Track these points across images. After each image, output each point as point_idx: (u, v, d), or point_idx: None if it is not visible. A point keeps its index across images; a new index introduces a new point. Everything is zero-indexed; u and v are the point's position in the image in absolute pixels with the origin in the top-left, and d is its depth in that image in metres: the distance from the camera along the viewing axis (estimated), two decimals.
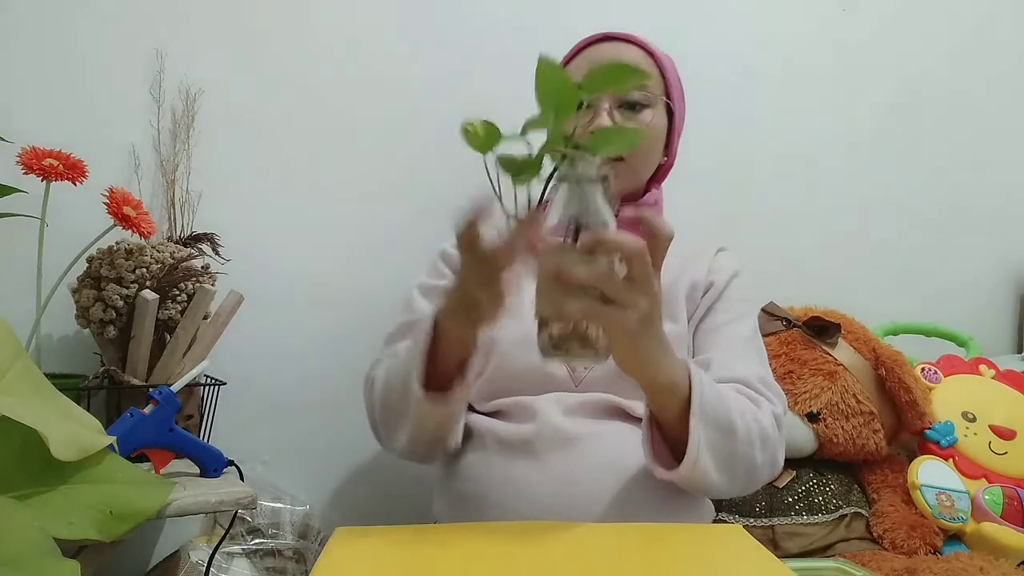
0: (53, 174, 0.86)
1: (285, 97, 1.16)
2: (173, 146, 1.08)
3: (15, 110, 1.00)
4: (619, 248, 0.55)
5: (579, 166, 0.57)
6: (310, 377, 1.17)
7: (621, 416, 0.82)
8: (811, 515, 1.11)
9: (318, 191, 1.18)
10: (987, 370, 1.34)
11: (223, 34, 1.12)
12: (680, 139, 0.97)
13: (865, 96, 1.53)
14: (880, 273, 1.53)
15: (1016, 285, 1.65)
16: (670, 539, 0.65)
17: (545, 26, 1.01)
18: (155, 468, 0.80)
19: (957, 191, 1.59)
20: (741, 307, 0.91)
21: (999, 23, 1.63)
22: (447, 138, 1.23)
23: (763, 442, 0.75)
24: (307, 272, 1.17)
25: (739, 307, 0.90)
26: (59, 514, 0.61)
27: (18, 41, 1.01)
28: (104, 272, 0.92)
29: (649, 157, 0.94)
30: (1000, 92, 1.63)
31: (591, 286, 0.55)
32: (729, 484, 0.74)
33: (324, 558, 0.57)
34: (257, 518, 1.03)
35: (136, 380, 0.92)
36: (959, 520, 1.10)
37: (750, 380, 0.80)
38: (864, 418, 1.17)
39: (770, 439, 0.76)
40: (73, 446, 0.64)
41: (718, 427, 0.69)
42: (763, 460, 0.75)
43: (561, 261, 0.55)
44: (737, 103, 1.43)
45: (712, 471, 0.70)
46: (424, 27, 1.23)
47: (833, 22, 1.51)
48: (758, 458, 0.75)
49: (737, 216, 1.42)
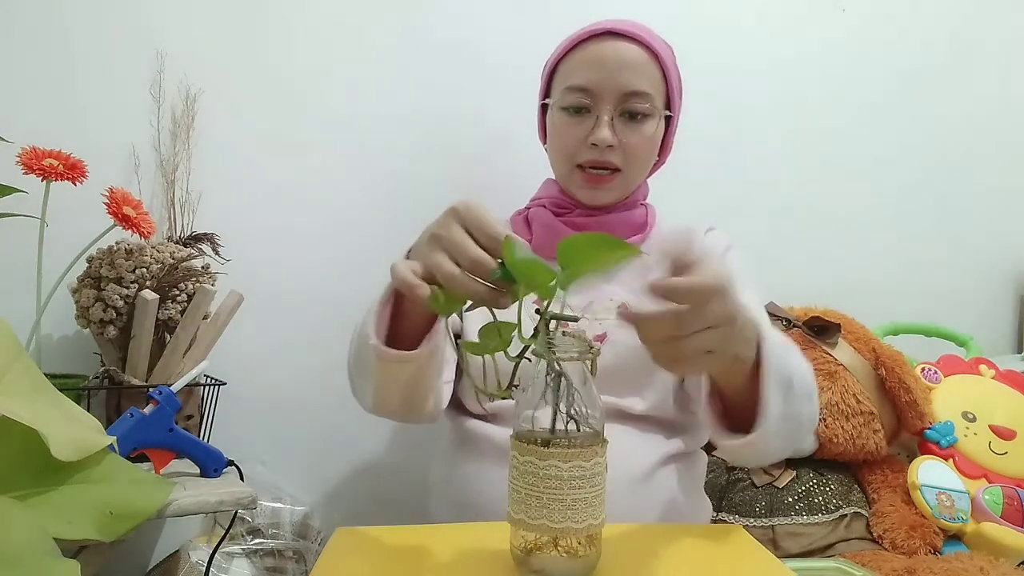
0: (53, 174, 0.86)
1: (285, 97, 1.16)
2: (173, 146, 1.08)
3: (15, 110, 1.00)
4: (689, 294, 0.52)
5: (561, 345, 0.51)
6: (310, 377, 1.17)
7: (619, 417, 0.82)
8: (811, 515, 1.11)
9: (318, 191, 1.18)
10: (987, 370, 1.34)
11: (223, 34, 1.12)
12: (676, 135, 0.97)
13: (865, 96, 1.53)
14: (880, 273, 1.53)
15: (1016, 285, 1.65)
16: (670, 539, 0.65)
17: (536, 32, 1.00)
18: (155, 468, 0.80)
19: (957, 191, 1.59)
20: (741, 277, 0.89)
21: (1002, 24, 1.62)
22: (448, 138, 1.25)
23: (810, 398, 0.71)
24: (307, 272, 1.17)
25: (739, 277, 0.89)
26: (59, 514, 0.61)
27: (18, 41, 1.01)
28: (104, 272, 0.92)
29: (646, 165, 0.94)
30: (1000, 90, 1.63)
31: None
32: (780, 447, 0.70)
33: (324, 558, 0.57)
34: (257, 518, 1.03)
35: (136, 380, 0.92)
36: (959, 520, 1.10)
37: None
38: (864, 418, 1.17)
39: (813, 395, 0.72)
40: (73, 446, 0.63)
41: (781, 388, 0.65)
42: (808, 414, 0.71)
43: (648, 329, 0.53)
44: (737, 102, 1.43)
45: (774, 436, 0.65)
46: (424, 28, 1.23)
47: (831, 19, 1.50)
48: (806, 412, 0.70)
49: (737, 216, 1.42)
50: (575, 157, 0.89)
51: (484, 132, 1.26)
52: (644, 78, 0.87)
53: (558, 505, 0.50)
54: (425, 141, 1.23)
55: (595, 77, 0.87)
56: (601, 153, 0.87)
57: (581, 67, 0.88)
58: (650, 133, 0.89)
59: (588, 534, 0.52)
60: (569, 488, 0.50)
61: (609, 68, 0.86)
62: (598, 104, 0.87)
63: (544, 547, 0.51)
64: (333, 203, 1.19)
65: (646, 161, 0.93)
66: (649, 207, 0.98)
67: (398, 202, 1.22)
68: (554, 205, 0.94)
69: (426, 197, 1.23)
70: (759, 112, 1.45)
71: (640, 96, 0.87)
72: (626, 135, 0.88)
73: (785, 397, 0.65)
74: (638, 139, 0.88)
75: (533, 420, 0.52)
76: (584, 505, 0.51)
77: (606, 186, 0.90)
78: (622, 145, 0.88)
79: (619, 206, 0.94)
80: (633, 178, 0.92)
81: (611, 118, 0.87)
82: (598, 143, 0.87)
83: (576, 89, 0.88)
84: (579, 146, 0.88)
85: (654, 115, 0.89)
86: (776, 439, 0.66)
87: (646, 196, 0.98)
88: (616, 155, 0.88)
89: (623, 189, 0.92)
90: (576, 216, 0.93)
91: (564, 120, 0.89)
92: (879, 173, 1.54)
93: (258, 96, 1.14)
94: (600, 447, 0.52)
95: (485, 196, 1.19)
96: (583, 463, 0.51)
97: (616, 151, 0.88)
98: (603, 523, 0.53)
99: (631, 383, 0.83)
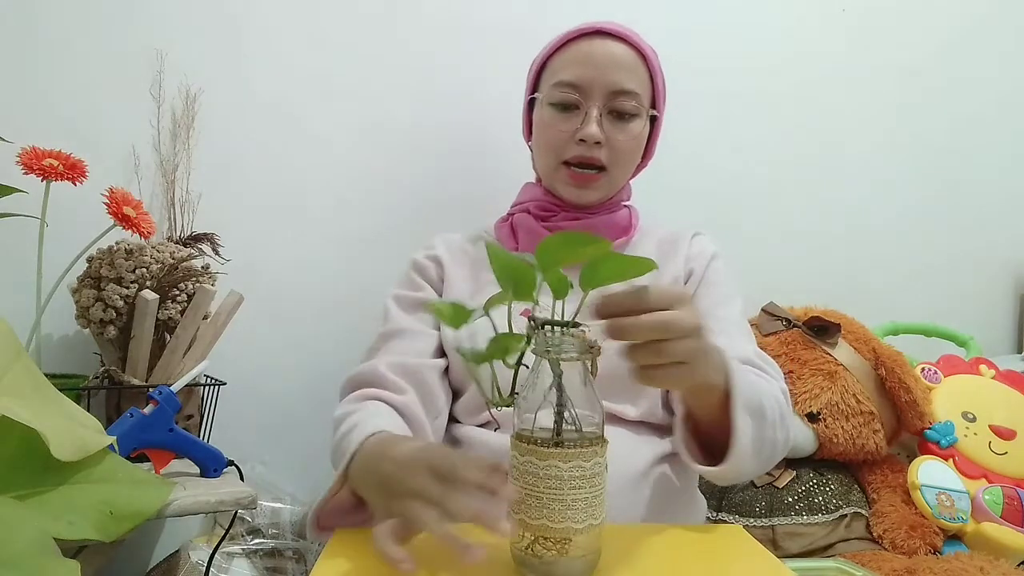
0: (53, 174, 0.86)
1: (285, 97, 1.16)
2: (173, 146, 1.08)
3: (15, 110, 1.00)
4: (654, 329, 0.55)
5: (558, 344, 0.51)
6: (310, 377, 1.17)
7: (612, 421, 0.82)
8: (811, 515, 1.11)
9: (318, 191, 1.18)
10: (987, 370, 1.34)
11: (223, 34, 1.12)
12: (660, 138, 0.97)
13: (865, 96, 1.53)
14: (880, 273, 1.53)
15: (1016, 285, 1.65)
16: (670, 539, 0.65)
17: (532, 31, 1.00)
18: (155, 468, 0.80)
19: (957, 191, 1.59)
20: (725, 289, 0.90)
21: (1001, 21, 1.62)
22: (449, 141, 1.25)
23: (782, 420, 0.74)
24: (307, 272, 1.17)
25: (722, 290, 0.90)
26: (59, 514, 0.61)
27: (18, 41, 1.01)
28: (104, 272, 0.92)
29: (631, 164, 0.94)
30: (1000, 90, 1.62)
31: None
32: (755, 469, 0.73)
33: (324, 558, 0.57)
34: (257, 518, 1.03)
35: (136, 380, 0.92)
36: (959, 520, 1.10)
37: (751, 359, 0.80)
38: (864, 418, 1.17)
39: (786, 417, 0.76)
40: (73, 446, 0.63)
41: (753, 415, 0.68)
42: (782, 439, 0.75)
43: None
44: (736, 102, 1.43)
45: (749, 459, 0.69)
46: (423, 30, 1.23)
47: (834, 19, 1.50)
48: (780, 438, 0.74)
49: (737, 216, 1.42)
50: (562, 153, 0.90)
51: (487, 136, 1.26)
52: (633, 78, 0.88)
53: (558, 505, 0.50)
54: (426, 143, 1.23)
55: (584, 74, 0.87)
56: (588, 149, 0.88)
57: (571, 64, 0.89)
58: (636, 132, 0.90)
59: (588, 534, 0.52)
60: (569, 488, 0.50)
61: (599, 66, 0.87)
62: (587, 101, 0.88)
63: (544, 547, 0.51)
64: (333, 203, 1.19)
65: (631, 160, 0.93)
66: (632, 209, 0.98)
67: (398, 202, 1.22)
68: (538, 208, 0.94)
69: (427, 198, 1.24)
70: (759, 112, 1.45)
71: (628, 95, 0.88)
72: (613, 133, 0.88)
73: (757, 423, 0.68)
74: (625, 137, 0.89)
75: (533, 420, 0.52)
76: (584, 505, 0.51)
77: (592, 185, 0.91)
78: (609, 143, 0.88)
79: (603, 208, 0.94)
80: (618, 178, 0.93)
81: (599, 115, 0.87)
82: (586, 139, 0.87)
83: (565, 85, 0.88)
84: (566, 142, 0.89)
85: (641, 115, 0.90)
86: (750, 462, 0.69)
87: (629, 197, 0.99)
88: (603, 152, 0.88)
89: (608, 188, 0.93)
90: (560, 220, 0.93)
91: (552, 115, 0.90)
92: (879, 173, 1.54)
93: (258, 96, 1.14)
94: (600, 447, 0.53)
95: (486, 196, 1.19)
96: (583, 463, 0.51)
97: (603, 148, 0.88)
98: (603, 523, 0.53)
99: (623, 390, 0.83)
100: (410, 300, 0.92)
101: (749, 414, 0.67)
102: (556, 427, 0.52)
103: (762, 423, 0.70)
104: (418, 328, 0.89)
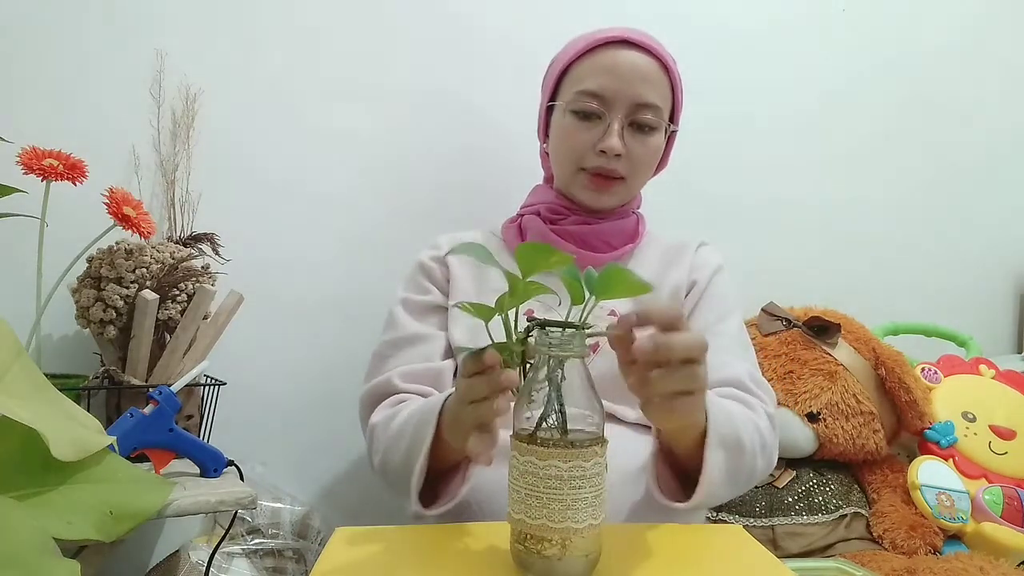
0: (53, 174, 0.86)
1: (285, 97, 1.16)
2: (173, 146, 1.08)
3: (15, 110, 1.00)
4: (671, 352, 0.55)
5: (559, 342, 0.52)
6: (310, 377, 1.17)
7: (610, 421, 0.82)
8: (811, 515, 1.11)
9: (318, 191, 1.18)
10: (987, 370, 1.34)
11: (223, 34, 1.12)
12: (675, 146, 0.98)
13: (866, 96, 1.53)
14: (880, 273, 1.53)
15: (1016, 285, 1.65)
16: (670, 539, 0.65)
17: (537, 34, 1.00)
18: (155, 468, 0.80)
19: (957, 191, 1.59)
20: (726, 303, 0.91)
21: (1001, 24, 1.62)
22: (451, 139, 1.25)
23: (763, 449, 0.76)
24: (307, 272, 1.17)
25: (724, 303, 0.90)
26: (59, 514, 0.61)
27: (18, 41, 1.01)
28: (104, 272, 0.92)
29: (647, 176, 0.95)
30: (1001, 89, 1.63)
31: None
32: (730, 495, 0.75)
33: (324, 558, 0.57)
34: (257, 518, 1.03)
35: (136, 380, 0.92)
36: (959, 520, 1.10)
37: (742, 380, 0.80)
38: (864, 418, 1.17)
39: (768, 445, 0.77)
40: (73, 446, 0.63)
41: (727, 449, 0.68)
42: (762, 466, 0.77)
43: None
44: (737, 102, 1.43)
45: (720, 490, 0.70)
46: (423, 32, 1.23)
47: (834, 21, 1.50)
48: (759, 465, 0.76)
49: (737, 216, 1.42)
50: (581, 161, 0.90)
51: (489, 132, 1.26)
52: (656, 91, 0.88)
53: (558, 505, 0.50)
54: (426, 143, 1.23)
55: (609, 85, 0.87)
56: (608, 161, 0.88)
57: (595, 73, 0.88)
58: (656, 146, 0.90)
59: (588, 534, 0.52)
60: (569, 488, 0.50)
61: (624, 77, 0.86)
62: (609, 112, 0.87)
63: (544, 547, 0.51)
64: (333, 203, 1.19)
65: (648, 172, 0.94)
66: (640, 216, 0.99)
67: (399, 202, 1.22)
68: (549, 211, 0.95)
69: (428, 198, 1.23)
70: (759, 112, 1.45)
71: (651, 108, 0.87)
72: (633, 146, 0.88)
73: (733, 455, 0.69)
74: (644, 151, 0.89)
75: (533, 420, 0.52)
76: (584, 505, 0.51)
77: (611, 190, 0.91)
78: (629, 154, 0.88)
79: (613, 214, 0.94)
80: (635, 187, 0.93)
81: (621, 127, 0.87)
82: (607, 151, 0.87)
83: (588, 94, 0.87)
84: (586, 151, 0.89)
85: (661, 128, 0.90)
86: (723, 491, 0.71)
87: (639, 205, 0.99)
88: (622, 164, 0.88)
89: (624, 195, 0.93)
90: (569, 224, 0.93)
91: (573, 124, 0.89)
92: (879, 173, 1.54)
93: (258, 96, 1.14)
94: (600, 447, 0.53)
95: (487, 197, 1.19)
96: (583, 463, 0.51)
97: (622, 160, 0.88)
98: (603, 523, 0.53)
99: (623, 392, 0.83)
100: (418, 304, 0.92)
101: (724, 448, 0.67)
102: (556, 427, 0.52)
103: (739, 455, 0.70)
104: (427, 333, 0.89)
